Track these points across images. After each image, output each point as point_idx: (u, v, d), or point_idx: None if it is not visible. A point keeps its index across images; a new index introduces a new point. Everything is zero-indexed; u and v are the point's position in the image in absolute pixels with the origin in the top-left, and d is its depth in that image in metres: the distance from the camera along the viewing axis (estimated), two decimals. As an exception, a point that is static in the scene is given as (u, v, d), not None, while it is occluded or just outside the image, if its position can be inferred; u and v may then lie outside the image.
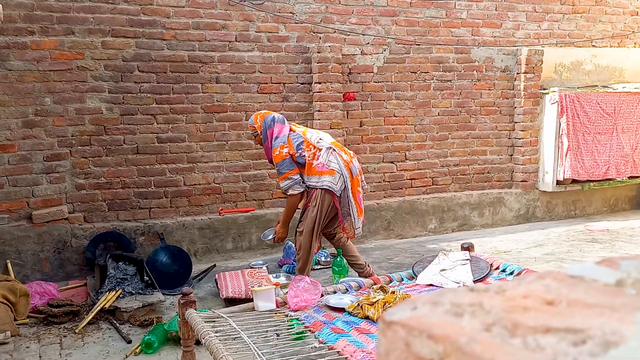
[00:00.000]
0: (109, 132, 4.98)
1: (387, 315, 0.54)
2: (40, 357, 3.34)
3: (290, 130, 4.16)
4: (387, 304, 2.70)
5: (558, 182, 6.57)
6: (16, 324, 3.69)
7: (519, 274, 3.10)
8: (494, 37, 6.46)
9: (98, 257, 4.62)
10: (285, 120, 4.27)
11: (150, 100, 5.10)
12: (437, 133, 6.29)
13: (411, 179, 6.21)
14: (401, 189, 6.17)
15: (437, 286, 3.07)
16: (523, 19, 6.57)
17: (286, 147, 4.06)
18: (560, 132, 6.44)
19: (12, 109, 4.63)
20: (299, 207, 4.22)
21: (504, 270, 3.20)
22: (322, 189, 4.02)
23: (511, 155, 6.69)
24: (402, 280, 3.28)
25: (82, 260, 4.78)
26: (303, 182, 4.08)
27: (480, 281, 3.09)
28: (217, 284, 4.34)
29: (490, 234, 6.17)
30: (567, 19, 6.81)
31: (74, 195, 4.90)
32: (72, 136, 4.86)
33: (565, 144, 6.40)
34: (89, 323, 3.74)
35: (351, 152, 4.33)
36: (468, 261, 3.26)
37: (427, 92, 6.19)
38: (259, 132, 4.20)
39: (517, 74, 6.52)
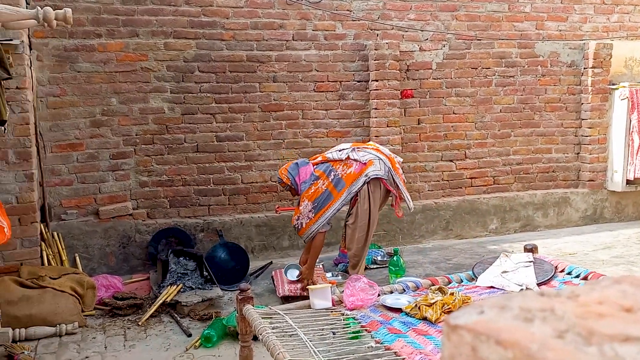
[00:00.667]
0: (171, 131, 5.13)
1: (452, 319, 0.51)
2: (105, 347, 3.48)
3: (313, 165, 4.28)
4: (445, 305, 2.64)
5: (628, 182, 6.24)
6: (83, 315, 3.86)
7: (585, 277, 2.96)
8: (560, 30, 6.20)
9: (160, 252, 4.77)
10: (307, 159, 4.41)
11: (210, 100, 5.21)
12: (499, 130, 6.11)
13: (471, 178, 6.06)
14: (460, 188, 6.03)
15: (498, 288, 2.97)
16: (591, 11, 6.28)
17: (320, 180, 4.17)
18: (631, 129, 6.11)
19: (80, 109, 4.85)
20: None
21: (569, 273, 3.07)
22: (368, 182, 4.12)
23: (578, 153, 6.40)
24: (462, 281, 3.19)
25: (145, 254, 4.94)
26: (328, 224, 4.20)
27: (545, 284, 2.97)
28: (273, 281, 4.40)
29: (555, 235, 5.94)
30: (639, 10, 6.45)
31: (137, 192, 5.07)
32: (136, 135, 5.03)
33: (636, 141, 6.07)
34: (151, 316, 3.87)
35: (369, 142, 4.55)
36: (531, 263, 3.14)
37: (488, 89, 6.02)
38: (289, 184, 4.27)
39: (585, 69, 6.24)
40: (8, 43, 3.68)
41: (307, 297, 4.20)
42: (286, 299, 4.06)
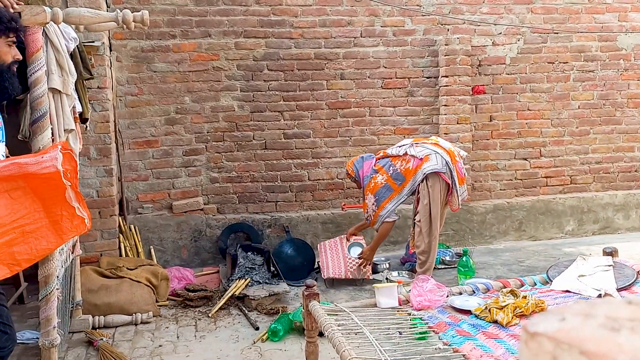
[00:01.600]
0: (240, 129, 5.24)
1: (530, 325, 0.48)
2: (177, 337, 3.60)
3: (376, 160, 4.41)
4: (517, 308, 2.54)
5: None
6: (157, 305, 4.02)
7: (673, 284, 2.76)
8: (646, 21, 5.82)
9: (229, 246, 4.89)
10: (373, 154, 4.56)
11: (278, 98, 5.28)
12: (576, 128, 5.82)
13: (546, 177, 5.81)
14: (535, 187, 5.80)
15: (574, 293, 2.83)
16: (682, -1, 5.85)
17: (378, 175, 4.29)
18: None
19: (156, 108, 5.05)
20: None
21: (654, 280, 2.87)
22: (426, 178, 4.12)
23: (664, 152, 5.99)
24: (535, 284, 3.07)
25: (215, 248, 5.08)
26: (395, 214, 4.28)
27: (625, 290, 2.80)
28: (319, 265, 4.58)
29: (637, 238, 5.58)
30: None
31: (208, 188, 5.22)
32: (207, 132, 5.18)
33: None
34: (220, 308, 3.97)
35: (431, 137, 4.56)
36: (611, 267, 2.97)
37: (565, 84, 5.75)
38: (353, 176, 4.50)
39: (674, 61, 5.83)
40: (90, 45, 3.89)
41: (354, 281, 4.41)
42: (331, 283, 4.45)
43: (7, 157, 2.28)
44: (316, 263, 4.76)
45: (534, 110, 5.73)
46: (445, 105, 5.43)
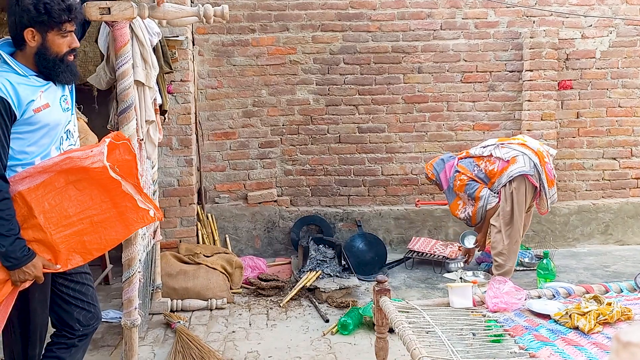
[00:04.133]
0: (315, 122, 5.27)
1: (623, 334, 0.44)
2: (250, 324, 3.69)
3: (458, 159, 4.31)
4: (601, 316, 2.39)
5: None
6: (231, 293, 4.14)
7: None
8: None
9: (301, 238, 4.94)
10: (450, 154, 4.51)
11: (354, 92, 5.26)
12: (673, 126, 5.40)
13: (637, 178, 5.44)
14: (624, 189, 5.44)
15: (666, 303, 2.63)
16: None
17: (462, 174, 4.21)
18: None
19: (234, 100, 5.18)
20: None
21: None
22: (511, 180, 3.97)
23: None
24: (621, 291, 2.87)
25: (288, 240, 5.16)
26: (496, 193, 4.13)
27: None
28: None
29: None
30: None
31: (282, 180, 5.30)
32: (282, 125, 5.25)
33: None
34: (291, 299, 4.03)
35: (517, 135, 4.44)
36: None
37: (662, 79, 5.34)
38: (434, 179, 4.43)
39: None
40: (175, 39, 4.03)
41: (430, 260, 4.59)
42: (411, 263, 4.75)
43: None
44: (401, 262, 4.79)
45: (625, 107, 5.37)
46: (528, 101, 5.21)
